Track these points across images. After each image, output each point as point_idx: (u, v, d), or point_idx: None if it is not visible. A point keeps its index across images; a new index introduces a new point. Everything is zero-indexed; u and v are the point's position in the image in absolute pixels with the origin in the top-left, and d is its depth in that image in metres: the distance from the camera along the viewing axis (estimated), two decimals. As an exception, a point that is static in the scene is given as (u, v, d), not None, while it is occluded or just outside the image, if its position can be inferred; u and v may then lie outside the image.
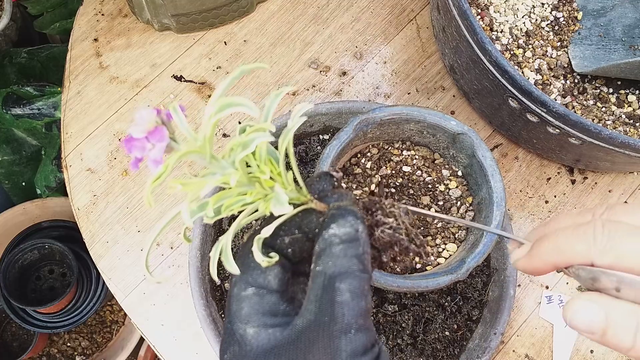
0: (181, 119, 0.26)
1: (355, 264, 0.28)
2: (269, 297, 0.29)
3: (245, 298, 0.29)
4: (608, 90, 0.71)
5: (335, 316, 0.27)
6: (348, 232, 0.29)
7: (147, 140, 0.24)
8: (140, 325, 0.68)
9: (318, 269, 0.28)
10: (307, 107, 0.29)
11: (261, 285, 0.29)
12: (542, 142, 0.66)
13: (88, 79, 0.76)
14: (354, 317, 0.27)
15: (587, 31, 0.73)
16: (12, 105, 0.90)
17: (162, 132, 0.24)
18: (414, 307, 0.64)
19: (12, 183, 1.00)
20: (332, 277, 0.28)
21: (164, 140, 0.24)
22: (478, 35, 0.58)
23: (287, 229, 0.31)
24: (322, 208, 0.31)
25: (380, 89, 0.75)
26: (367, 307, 0.28)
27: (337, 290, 0.27)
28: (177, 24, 0.74)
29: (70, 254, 0.92)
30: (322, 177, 0.33)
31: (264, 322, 0.29)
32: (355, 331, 0.27)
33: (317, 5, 0.79)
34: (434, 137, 0.60)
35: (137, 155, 0.24)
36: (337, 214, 0.29)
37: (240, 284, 0.30)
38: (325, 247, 0.29)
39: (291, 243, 0.31)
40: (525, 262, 0.33)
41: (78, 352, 1.06)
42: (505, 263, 0.64)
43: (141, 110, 0.24)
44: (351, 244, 0.28)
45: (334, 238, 0.29)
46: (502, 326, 0.61)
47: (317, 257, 0.29)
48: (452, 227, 0.60)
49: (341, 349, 0.26)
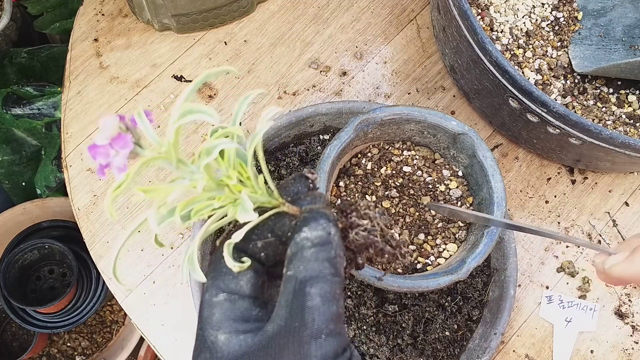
0: (146, 124, 0.25)
1: (326, 267, 0.28)
2: (240, 303, 0.29)
3: (217, 304, 0.29)
4: (608, 90, 0.71)
5: (306, 321, 0.27)
6: (320, 235, 0.28)
7: (111, 147, 0.24)
8: (140, 325, 0.68)
9: (289, 274, 0.28)
10: (275, 110, 0.28)
11: (233, 290, 0.29)
12: (543, 142, 0.66)
13: (88, 79, 0.75)
14: (324, 322, 0.27)
15: (587, 31, 0.73)
16: (12, 105, 0.90)
17: (126, 139, 0.24)
18: (414, 307, 0.64)
19: (12, 183, 1.00)
20: (303, 281, 0.27)
21: (128, 147, 0.24)
22: (478, 36, 0.58)
23: (260, 233, 0.31)
24: (295, 211, 0.30)
25: (380, 89, 0.75)
26: (339, 312, 0.28)
27: (308, 294, 0.27)
28: (178, 24, 0.74)
29: (70, 254, 0.92)
30: (296, 179, 0.33)
31: (235, 328, 0.28)
32: (325, 336, 0.27)
33: (318, 5, 0.78)
34: (434, 137, 0.60)
35: (101, 162, 0.24)
36: (309, 217, 0.29)
37: (212, 289, 0.29)
38: (296, 251, 0.28)
39: (264, 247, 0.31)
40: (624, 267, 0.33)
41: (78, 352, 1.06)
42: (506, 263, 0.64)
43: (104, 117, 0.24)
44: (323, 247, 0.28)
45: (305, 242, 0.28)
46: (503, 326, 0.61)
47: (289, 262, 0.28)
48: (452, 227, 0.60)
49: (311, 354, 0.26)
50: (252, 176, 0.29)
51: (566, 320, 0.68)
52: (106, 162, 0.24)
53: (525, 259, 0.70)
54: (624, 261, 0.33)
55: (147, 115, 0.25)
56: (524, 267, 0.70)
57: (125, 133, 0.24)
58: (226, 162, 0.28)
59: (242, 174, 0.28)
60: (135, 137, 0.25)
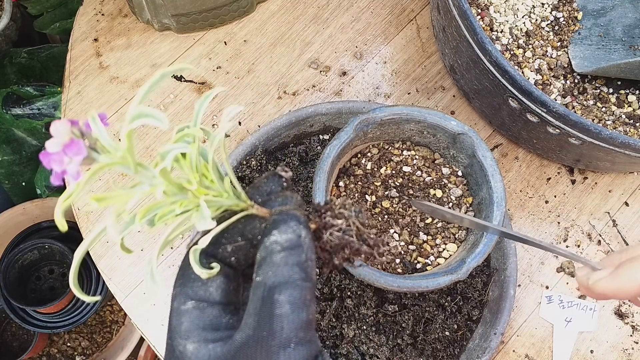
0: (100, 129, 0.24)
1: (296, 272, 0.27)
2: (210, 310, 0.28)
3: (185, 312, 0.28)
4: (608, 90, 0.71)
5: (274, 330, 0.26)
6: (290, 238, 0.27)
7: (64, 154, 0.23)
8: (140, 325, 0.68)
9: (258, 280, 0.27)
10: (235, 110, 0.27)
11: (202, 298, 0.28)
12: (542, 142, 0.66)
13: (88, 79, 0.76)
14: (293, 330, 0.26)
15: (587, 31, 0.73)
16: (12, 105, 0.90)
17: (79, 145, 0.23)
18: (414, 307, 0.64)
19: (12, 183, 1.00)
20: (271, 288, 0.26)
21: (81, 153, 0.23)
22: (478, 35, 0.58)
23: (230, 237, 0.29)
24: (265, 213, 0.29)
25: (380, 89, 0.75)
26: (309, 319, 0.26)
27: (276, 302, 0.26)
28: (177, 24, 0.74)
29: (70, 254, 0.92)
30: (269, 178, 0.31)
31: (204, 337, 0.27)
32: (295, 345, 0.26)
33: (317, 5, 0.79)
34: (434, 137, 0.60)
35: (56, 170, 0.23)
36: (279, 219, 0.28)
37: (180, 297, 0.28)
38: (265, 256, 0.27)
39: (234, 251, 0.29)
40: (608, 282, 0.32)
41: (78, 352, 1.06)
42: (506, 263, 0.64)
43: (55, 122, 0.23)
44: (293, 251, 0.27)
45: (274, 245, 0.27)
46: (502, 326, 0.61)
47: (258, 267, 0.27)
48: (452, 227, 0.60)
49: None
50: (216, 179, 0.27)
51: (566, 320, 0.68)
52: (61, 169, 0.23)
53: (525, 259, 0.70)
54: (608, 277, 0.33)
55: (102, 119, 0.24)
56: (524, 267, 0.70)
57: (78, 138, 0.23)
58: (188, 165, 0.26)
59: (206, 177, 0.27)
60: (90, 142, 0.23)
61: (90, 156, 0.23)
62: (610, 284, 0.32)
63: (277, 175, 0.31)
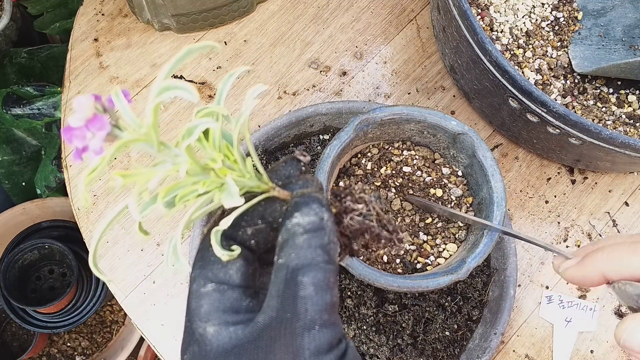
0: (123, 105, 0.24)
1: (319, 255, 0.26)
2: (230, 293, 0.27)
3: (205, 295, 0.27)
4: (608, 90, 0.71)
5: (298, 312, 0.25)
6: (312, 220, 0.27)
7: (87, 129, 0.22)
8: (140, 325, 0.68)
9: (280, 262, 0.26)
10: (261, 88, 0.27)
11: (222, 280, 0.28)
12: (542, 142, 0.66)
13: (88, 79, 0.75)
14: (317, 312, 0.25)
15: (587, 31, 0.73)
16: (12, 105, 0.90)
17: (102, 120, 0.22)
18: (414, 307, 0.64)
19: (12, 183, 1.00)
20: (294, 269, 0.26)
21: (104, 128, 0.22)
22: (478, 36, 0.58)
23: (250, 219, 0.29)
24: (286, 196, 0.29)
25: (380, 89, 0.75)
26: (333, 301, 0.26)
27: (300, 284, 0.26)
28: (177, 24, 0.74)
29: (70, 254, 0.92)
30: (288, 162, 0.31)
31: (224, 320, 0.27)
32: (319, 327, 0.25)
33: (317, 5, 0.79)
34: (434, 137, 0.60)
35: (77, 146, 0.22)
36: (301, 201, 0.27)
37: (200, 279, 0.28)
38: (288, 238, 0.27)
39: (254, 234, 0.29)
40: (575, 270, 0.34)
41: (78, 352, 1.06)
42: (506, 263, 0.64)
43: (79, 97, 0.22)
44: (315, 233, 0.27)
45: (297, 228, 0.27)
46: (502, 326, 0.61)
47: (280, 249, 0.27)
48: (452, 227, 0.60)
49: (304, 346, 0.25)
50: (239, 159, 0.27)
51: (566, 320, 0.68)
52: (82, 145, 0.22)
53: (525, 259, 0.70)
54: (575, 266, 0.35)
55: (125, 96, 0.24)
56: (524, 267, 0.70)
57: (102, 114, 0.23)
58: (211, 145, 0.26)
59: (228, 157, 0.27)
60: (113, 118, 0.23)
61: (112, 133, 0.23)
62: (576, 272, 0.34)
63: (295, 159, 0.31)
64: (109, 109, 0.23)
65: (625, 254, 0.31)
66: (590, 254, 0.33)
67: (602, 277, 0.33)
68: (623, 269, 0.31)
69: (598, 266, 0.32)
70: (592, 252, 0.33)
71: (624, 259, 0.31)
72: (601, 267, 0.32)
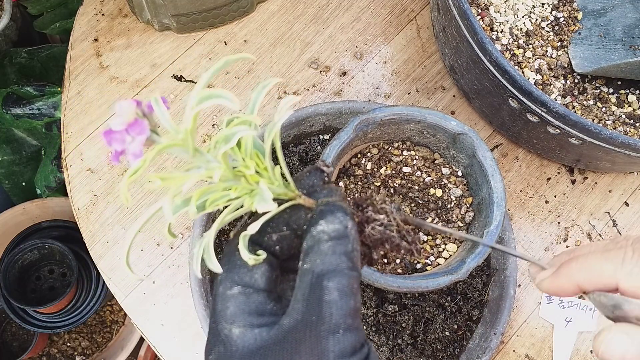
0: (162, 111, 0.25)
1: (344, 261, 0.27)
2: (255, 297, 0.28)
3: (231, 297, 0.28)
4: (608, 90, 0.71)
5: (323, 316, 0.26)
6: (337, 228, 0.28)
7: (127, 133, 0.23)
8: (140, 325, 0.68)
9: (306, 267, 0.28)
10: (293, 99, 0.28)
11: (247, 284, 0.28)
12: (542, 142, 0.66)
13: (88, 79, 0.76)
14: (342, 316, 0.26)
15: (587, 31, 0.73)
16: (12, 105, 0.90)
17: (142, 125, 0.23)
18: (414, 307, 0.64)
19: (12, 183, 1.00)
20: (320, 275, 0.27)
21: (144, 133, 0.23)
22: (478, 36, 0.58)
23: (275, 226, 0.30)
24: (311, 204, 0.30)
25: (380, 89, 0.75)
26: (356, 306, 0.27)
27: (325, 288, 0.27)
28: (177, 24, 0.74)
29: (70, 254, 0.92)
30: (311, 172, 0.32)
31: (250, 322, 0.28)
32: (343, 331, 0.26)
33: (317, 5, 0.79)
34: (434, 137, 0.60)
35: (116, 149, 0.23)
36: (326, 210, 0.29)
37: (226, 282, 0.29)
38: (313, 244, 0.28)
39: (279, 240, 0.30)
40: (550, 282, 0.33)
41: (78, 352, 1.06)
42: (506, 263, 0.64)
43: (121, 101, 0.23)
44: (340, 240, 0.28)
45: (322, 235, 0.28)
46: (502, 326, 0.61)
47: (305, 255, 0.28)
48: (452, 228, 0.60)
49: (329, 349, 0.26)
50: (269, 167, 0.28)
51: (566, 320, 0.68)
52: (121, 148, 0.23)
53: (525, 259, 0.70)
54: (550, 277, 0.34)
55: (164, 102, 0.25)
56: (524, 267, 0.70)
57: (142, 119, 0.24)
58: (243, 152, 0.27)
59: (258, 165, 0.28)
60: (151, 123, 0.24)
61: (150, 138, 0.24)
62: (551, 284, 0.34)
63: (319, 169, 0.32)
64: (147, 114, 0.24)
65: (597, 262, 0.31)
66: (564, 264, 0.32)
67: (577, 287, 0.32)
68: (595, 278, 0.30)
69: (572, 276, 0.32)
70: (566, 262, 0.32)
71: (595, 267, 0.30)
72: (575, 277, 0.31)
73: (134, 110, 0.24)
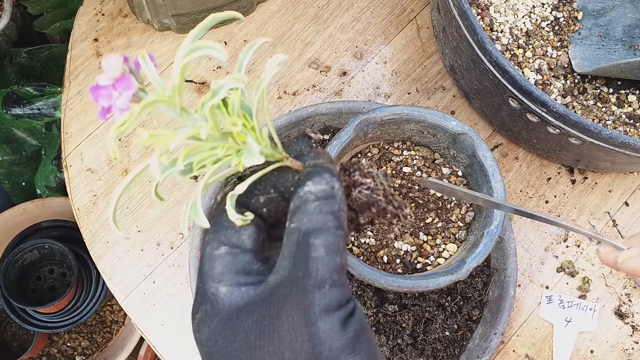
0: (149, 67, 0.24)
1: (330, 220, 0.28)
2: (242, 256, 0.29)
3: (218, 257, 0.29)
4: (608, 90, 0.71)
5: (310, 271, 0.27)
6: (324, 189, 0.28)
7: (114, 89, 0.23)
8: (140, 325, 0.68)
9: (292, 226, 0.28)
10: (281, 57, 0.28)
11: (235, 244, 0.29)
12: (542, 142, 0.66)
13: (88, 79, 0.75)
14: (328, 272, 0.27)
15: (587, 31, 0.73)
16: (12, 105, 0.90)
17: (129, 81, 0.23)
18: (414, 307, 0.64)
19: (12, 183, 1.00)
20: (306, 233, 0.27)
21: (131, 88, 0.23)
22: (478, 36, 0.58)
23: (262, 188, 0.30)
24: (298, 167, 0.30)
25: (380, 89, 0.75)
26: (342, 264, 0.28)
27: (312, 245, 0.27)
28: (177, 24, 0.74)
29: (70, 254, 0.92)
30: (299, 139, 0.32)
31: (236, 281, 0.28)
32: (329, 286, 0.27)
33: (317, 5, 0.79)
34: (434, 137, 0.60)
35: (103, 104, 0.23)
36: (313, 171, 0.29)
37: (213, 242, 0.29)
38: (300, 204, 0.28)
39: (266, 202, 0.30)
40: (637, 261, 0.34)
41: (78, 352, 1.06)
42: (506, 263, 0.64)
43: (108, 57, 0.23)
44: (327, 200, 0.28)
45: (309, 195, 0.28)
46: (502, 326, 0.61)
47: (292, 215, 0.28)
48: (452, 227, 0.60)
49: (314, 303, 0.26)
50: (257, 127, 0.28)
51: (566, 320, 0.68)
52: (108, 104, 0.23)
53: (525, 259, 0.70)
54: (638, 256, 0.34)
55: (151, 59, 0.25)
56: (524, 267, 0.70)
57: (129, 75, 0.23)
58: (230, 111, 0.27)
59: (245, 125, 0.28)
60: (138, 80, 0.24)
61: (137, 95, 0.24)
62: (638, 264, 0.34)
63: (307, 136, 0.32)
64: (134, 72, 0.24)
65: None
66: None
67: None
68: None
69: None
70: None
71: None
72: None
73: (121, 65, 0.23)
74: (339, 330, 0.26)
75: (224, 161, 0.27)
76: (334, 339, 0.26)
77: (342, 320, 0.27)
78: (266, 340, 0.26)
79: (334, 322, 0.26)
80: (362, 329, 0.27)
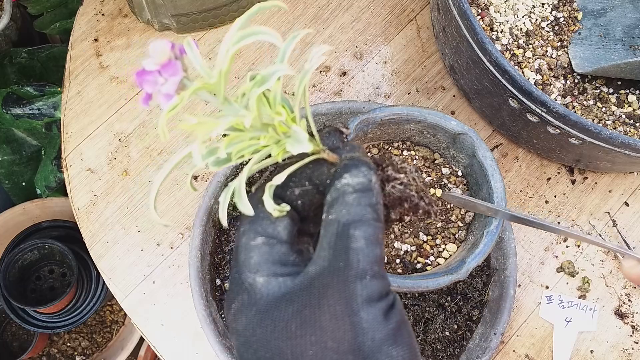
0: (195, 54, 0.24)
1: (369, 212, 0.28)
2: (278, 247, 0.29)
3: (255, 247, 0.29)
4: (608, 90, 0.71)
5: (350, 262, 0.27)
6: (361, 181, 0.28)
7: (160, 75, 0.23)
8: (140, 325, 0.68)
9: (331, 218, 0.28)
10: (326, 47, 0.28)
11: (271, 234, 0.29)
12: (542, 142, 0.66)
13: (88, 79, 0.76)
14: (369, 263, 0.27)
15: (587, 31, 0.73)
16: (12, 105, 0.90)
17: (176, 66, 0.23)
18: (414, 307, 0.64)
19: (12, 183, 1.00)
20: (346, 224, 0.27)
21: (178, 74, 0.23)
22: (478, 36, 0.58)
23: (298, 181, 0.30)
24: (334, 159, 0.30)
25: (380, 89, 0.75)
26: (382, 255, 0.28)
27: (352, 237, 0.27)
28: (177, 24, 0.74)
29: (70, 254, 0.92)
30: (331, 133, 0.32)
31: (273, 271, 0.28)
32: (370, 277, 0.27)
33: (317, 5, 0.79)
34: (434, 137, 0.60)
35: (148, 90, 0.23)
36: (350, 164, 0.29)
37: (250, 233, 0.29)
38: (338, 196, 0.28)
39: (301, 195, 0.30)
40: None
41: (78, 352, 1.06)
42: (506, 263, 0.64)
43: (155, 41, 0.23)
44: (365, 193, 0.28)
45: (347, 187, 0.28)
46: (502, 326, 0.61)
47: (330, 206, 0.28)
48: (452, 227, 0.60)
49: (357, 293, 0.26)
50: (298, 117, 0.28)
51: (566, 320, 0.68)
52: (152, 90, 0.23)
53: (525, 259, 0.70)
54: None
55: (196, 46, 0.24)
56: (524, 267, 0.70)
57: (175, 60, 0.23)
58: (272, 102, 0.27)
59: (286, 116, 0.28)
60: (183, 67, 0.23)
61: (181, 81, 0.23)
62: None
63: (338, 130, 0.33)
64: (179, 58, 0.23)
65: None
66: None
67: None
68: None
69: None
70: None
71: None
72: None
73: (168, 51, 0.23)
74: (382, 321, 0.26)
75: (264, 151, 0.28)
76: (377, 329, 0.26)
77: (384, 312, 0.27)
78: (307, 329, 0.26)
79: (377, 313, 0.26)
80: (402, 321, 0.27)
